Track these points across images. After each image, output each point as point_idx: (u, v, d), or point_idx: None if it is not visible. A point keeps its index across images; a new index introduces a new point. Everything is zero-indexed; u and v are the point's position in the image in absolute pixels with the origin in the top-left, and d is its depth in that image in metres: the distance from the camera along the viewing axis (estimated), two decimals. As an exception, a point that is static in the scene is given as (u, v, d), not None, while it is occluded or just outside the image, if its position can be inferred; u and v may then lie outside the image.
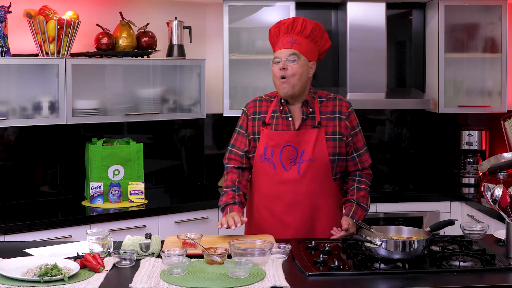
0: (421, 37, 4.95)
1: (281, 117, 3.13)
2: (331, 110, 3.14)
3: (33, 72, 3.98)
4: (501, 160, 4.25)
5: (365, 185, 3.19)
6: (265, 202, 3.15)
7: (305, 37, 3.10)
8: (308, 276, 2.46)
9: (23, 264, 2.50)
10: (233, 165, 3.21)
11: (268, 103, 3.20)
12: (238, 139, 3.22)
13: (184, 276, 2.41)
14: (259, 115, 3.18)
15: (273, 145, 3.10)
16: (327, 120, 3.12)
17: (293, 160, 3.09)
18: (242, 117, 3.24)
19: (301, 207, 3.10)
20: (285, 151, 3.09)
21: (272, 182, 3.11)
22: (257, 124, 3.16)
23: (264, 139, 3.12)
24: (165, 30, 4.53)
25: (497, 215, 3.73)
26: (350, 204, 3.15)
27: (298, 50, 3.06)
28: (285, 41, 3.09)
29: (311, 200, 3.10)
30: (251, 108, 3.22)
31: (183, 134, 4.82)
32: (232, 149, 3.23)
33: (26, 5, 4.03)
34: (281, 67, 3.05)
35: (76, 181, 4.39)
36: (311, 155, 3.07)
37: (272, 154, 3.10)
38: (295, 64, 3.05)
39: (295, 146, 3.08)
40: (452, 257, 2.60)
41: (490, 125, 4.95)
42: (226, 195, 3.14)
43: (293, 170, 3.08)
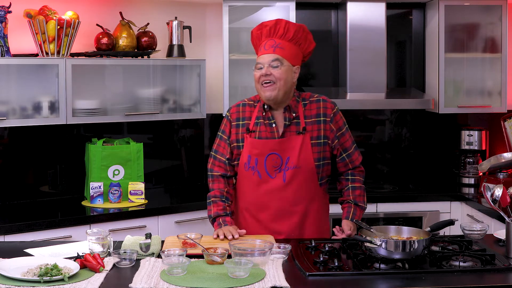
0: (421, 37, 4.95)
1: (264, 124, 3.05)
2: (316, 113, 3.06)
3: (33, 72, 3.98)
4: (501, 160, 4.25)
5: (359, 183, 3.17)
6: (251, 210, 3.11)
7: (288, 40, 3.01)
8: (308, 276, 2.46)
9: (23, 264, 2.50)
10: (218, 172, 3.16)
11: (251, 108, 3.12)
12: (221, 145, 3.16)
13: (184, 276, 2.41)
14: (242, 121, 3.10)
15: (257, 154, 3.04)
16: (311, 125, 3.05)
17: (278, 167, 3.03)
18: (225, 122, 3.16)
19: (288, 215, 3.06)
20: (270, 160, 3.03)
21: (257, 190, 3.07)
22: (241, 131, 3.09)
23: (248, 147, 3.06)
24: (165, 30, 4.53)
25: (497, 215, 3.73)
26: (348, 206, 3.13)
27: (281, 55, 2.98)
28: (268, 45, 3.01)
29: (298, 207, 3.06)
30: (234, 114, 3.13)
31: (183, 134, 4.82)
32: (216, 155, 3.18)
33: (26, 5, 4.03)
34: (263, 73, 2.97)
35: (76, 181, 4.39)
36: (297, 162, 3.02)
37: (257, 163, 3.04)
38: (279, 70, 2.97)
39: (280, 154, 3.02)
40: (452, 257, 2.60)
41: (490, 125, 4.95)
42: (216, 206, 3.10)
43: (279, 178, 3.03)
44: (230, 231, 2.94)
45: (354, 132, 4.99)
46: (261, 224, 3.09)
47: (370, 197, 4.31)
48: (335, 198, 3.26)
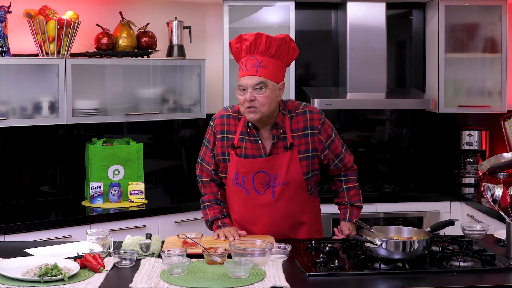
0: (421, 37, 4.95)
1: (249, 140, 2.96)
2: (303, 127, 2.97)
3: (33, 72, 3.98)
4: (501, 160, 4.25)
5: (352, 182, 3.15)
6: (242, 223, 3.07)
7: (270, 56, 2.86)
8: (308, 276, 2.46)
9: (23, 264, 2.50)
10: (207, 178, 3.12)
11: (236, 120, 3.01)
12: (207, 154, 3.10)
13: (184, 276, 2.41)
14: (227, 135, 3.02)
15: (244, 172, 2.98)
16: (299, 139, 2.97)
17: (266, 184, 2.97)
18: (210, 132, 3.06)
19: (279, 227, 3.03)
20: (257, 177, 2.97)
21: (246, 206, 3.03)
22: (226, 145, 3.00)
23: (234, 165, 2.99)
24: (165, 30, 4.53)
25: (497, 215, 3.73)
26: (345, 207, 3.12)
27: (264, 77, 2.84)
28: (249, 65, 2.85)
29: (289, 219, 3.04)
30: (218, 126, 3.03)
31: (183, 134, 4.82)
32: (202, 163, 3.12)
33: (26, 5, 4.03)
34: (247, 99, 2.84)
35: (76, 181, 4.39)
36: (285, 179, 2.96)
37: (244, 180, 2.98)
38: (263, 94, 2.83)
39: (267, 171, 2.96)
40: (453, 257, 2.60)
41: (490, 125, 4.95)
42: (212, 209, 3.08)
43: (267, 194, 2.99)
44: (231, 232, 2.93)
45: (354, 132, 5.02)
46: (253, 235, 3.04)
47: (370, 197, 4.33)
48: (331, 198, 3.25)
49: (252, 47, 2.86)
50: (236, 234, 2.91)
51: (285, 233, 3.05)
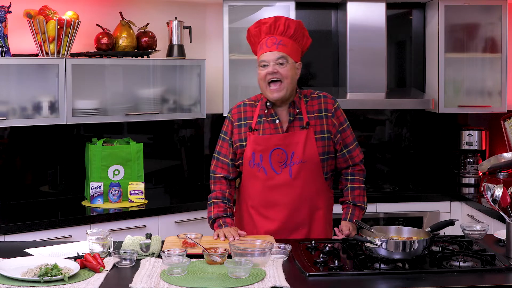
0: (421, 37, 4.95)
1: (267, 121, 3.06)
2: (317, 109, 3.08)
3: (33, 72, 3.98)
4: (501, 160, 4.25)
5: (358, 183, 3.16)
6: (258, 208, 3.09)
7: (289, 37, 3.01)
8: (308, 276, 2.46)
9: (23, 264, 2.50)
10: (221, 174, 3.15)
11: (252, 108, 3.12)
12: (224, 146, 3.15)
13: (184, 276, 2.41)
14: (244, 121, 3.10)
15: (261, 150, 3.03)
16: (314, 119, 3.06)
17: (283, 163, 3.02)
18: (227, 123, 3.15)
19: (297, 209, 3.06)
20: (275, 155, 3.02)
21: (264, 187, 3.06)
22: (244, 131, 3.09)
23: (251, 144, 3.05)
24: (165, 30, 4.53)
25: (497, 215, 3.73)
26: (347, 206, 3.14)
27: (285, 52, 2.99)
28: (269, 42, 3.00)
29: (306, 202, 3.06)
30: (235, 114, 3.13)
31: (183, 134, 4.82)
32: (218, 157, 3.16)
33: (26, 5, 4.03)
34: (270, 71, 2.98)
35: (76, 181, 4.39)
36: (302, 157, 3.01)
37: (262, 159, 3.03)
38: (285, 67, 2.98)
39: (284, 148, 3.02)
40: (453, 257, 2.60)
41: (490, 125, 4.95)
42: (217, 207, 3.08)
43: (285, 173, 3.03)
44: (231, 232, 2.93)
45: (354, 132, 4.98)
46: (273, 223, 3.07)
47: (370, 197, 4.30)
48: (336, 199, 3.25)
49: (272, 28, 3.01)
50: (236, 234, 2.91)
51: (302, 218, 3.06)
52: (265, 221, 3.08)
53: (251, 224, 3.13)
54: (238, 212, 3.23)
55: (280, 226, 3.07)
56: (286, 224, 3.07)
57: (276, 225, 3.07)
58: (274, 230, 3.06)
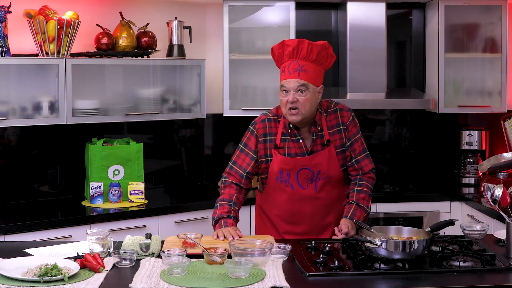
0: (421, 37, 4.94)
1: (291, 140, 3.14)
2: (335, 123, 3.19)
3: (33, 72, 3.98)
4: (501, 160, 4.25)
5: (365, 187, 3.21)
6: (285, 216, 3.20)
7: (311, 61, 3.05)
8: (308, 276, 2.46)
9: (23, 264, 2.50)
10: (232, 181, 3.18)
11: (276, 123, 3.18)
12: (241, 157, 3.19)
13: (184, 276, 2.41)
14: (269, 137, 3.16)
15: (288, 169, 3.14)
16: (333, 135, 3.17)
17: (309, 179, 3.14)
18: (248, 135, 3.19)
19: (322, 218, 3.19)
20: (301, 173, 3.14)
21: (290, 199, 3.17)
22: (269, 147, 3.16)
23: (278, 164, 3.14)
24: (165, 30, 4.53)
25: (497, 215, 3.73)
26: (349, 206, 3.17)
27: (306, 80, 3.02)
28: (292, 68, 3.04)
29: (330, 210, 3.20)
30: (260, 129, 3.18)
31: (183, 134, 4.82)
32: (233, 166, 3.19)
33: (26, 5, 4.03)
34: (290, 100, 3.02)
35: (76, 181, 4.39)
36: (327, 174, 3.14)
37: (289, 177, 3.14)
38: (305, 96, 3.03)
39: (311, 168, 3.13)
40: (452, 257, 2.60)
41: (490, 125, 4.95)
42: (222, 208, 3.10)
43: (311, 188, 3.15)
44: (230, 232, 2.95)
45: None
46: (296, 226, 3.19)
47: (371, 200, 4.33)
48: None
49: (295, 52, 3.04)
50: (235, 234, 2.92)
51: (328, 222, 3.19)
52: (291, 226, 3.19)
53: (274, 230, 3.23)
54: (260, 218, 3.31)
55: (306, 229, 3.18)
56: (313, 228, 3.19)
57: (302, 229, 3.18)
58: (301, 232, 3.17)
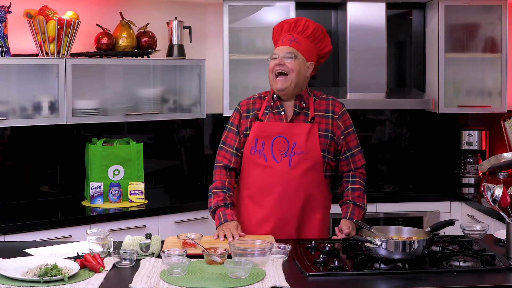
0: (421, 37, 4.95)
1: (272, 112, 3.13)
2: (324, 109, 3.15)
3: (33, 72, 3.98)
4: (501, 160, 4.25)
5: (359, 184, 3.18)
6: (254, 196, 3.12)
7: (306, 36, 3.12)
8: (308, 276, 2.46)
9: (23, 264, 2.50)
10: (222, 163, 3.18)
11: (261, 100, 3.20)
12: (229, 136, 3.20)
13: (184, 276, 2.41)
14: (252, 112, 3.16)
15: (264, 137, 3.09)
16: (320, 118, 3.12)
17: (284, 152, 3.07)
18: (234, 114, 3.22)
19: (291, 200, 3.08)
20: (277, 143, 3.08)
21: (262, 174, 3.09)
22: (250, 120, 3.16)
23: (255, 131, 3.11)
24: (165, 30, 4.53)
25: (497, 215, 3.73)
26: (347, 206, 3.15)
27: (296, 48, 3.09)
28: (285, 38, 3.12)
29: (301, 193, 3.08)
30: (244, 105, 3.21)
31: (183, 134, 4.82)
32: (223, 146, 3.22)
33: (26, 5, 4.03)
34: (277, 63, 3.07)
35: (76, 181, 4.39)
36: (303, 148, 3.06)
37: (263, 146, 3.09)
38: (292, 61, 3.06)
39: (287, 138, 3.08)
40: (452, 257, 2.60)
41: (490, 125, 4.95)
42: (216, 197, 3.11)
43: (284, 163, 3.07)
44: (231, 230, 2.94)
45: (354, 132, 5.02)
46: (264, 210, 3.09)
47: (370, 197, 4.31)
48: (336, 199, 3.26)
49: (292, 27, 3.14)
50: (236, 234, 2.91)
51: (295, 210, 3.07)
52: (258, 208, 3.10)
53: (245, 212, 3.16)
54: (236, 202, 3.24)
55: (270, 213, 3.08)
56: (277, 212, 3.08)
57: (266, 213, 3.09)
58: (264, 217, 3.09)
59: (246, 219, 3.14)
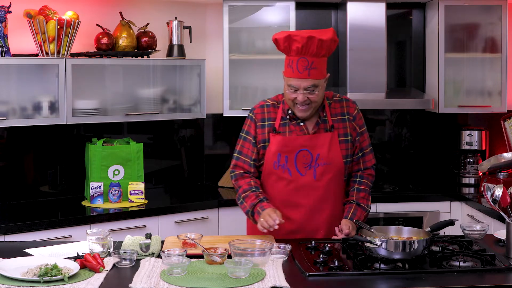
0: (421, 37, 4.95)
1: (291, 124, 3.07)
2: (340, 112, 3.12)
3: (33, 72, 3.98)
4: (501, 160, 4.25)
5: (365, 186, 3.18)
6: (281, 209, 3.03)
7: (320, 56, 2.99)
8: (308, 276, 2.46)
9: (23, 264, 2.50)
10: (242, 171, 3.13)
11: (275, 108, 3.11)
12: (245, 146, 3.13)
13: (184, 276, 2.41)
14: (268, 122, 3.10)
15: (287, 151, 3.04)
16: (337, 123, 3.10)
17: (308, 164, 3.04)
18: (248, 123, 3.14)
19: (318, 212, 3.07)
20: (300, 156, 3.04)
21: (287, 188, 3.06)
22: (267, 131, 3.09)
23: (277, 145, 3.05)
24: (165, 30, 4.53)
25: (497, 215, 3.73)
26: (350, 206, 3.13)
27: (317, 78, 2.97)
28: (300, 66, 2.95)
29: (327, 204, 3.08)
30: (258, 114, 3.12)
31: (183, 134, 4.82)
32: (239, 156, 3.14)
33: (26, 5, 4.03)
34: (301, 101, 2.96)
35: (76, 181, 4.39)
36: (326, 159, 3.04)
37: (287, 160, 3.04)
38: (315, 94, 2.98)
39: (310, 150, 3.04)
40: (452, 257, 2.60)
41: (490, 125, 4.95)
42: (248, 199, 3.04)
43: (309, 175, 3.05)
44: (270, 215, 2.89)
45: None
46: (292, 223, 3.06)
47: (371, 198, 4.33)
48: None
49: (304, 50, 2.95)
50: (276, 217, 2.86)
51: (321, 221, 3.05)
52: (286, 222, 3.01)
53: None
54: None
55: (299, 227, 3.08)
56: (305, 225, 3.07)
57: (295, 226, 3.07)
58: (293, 230, 3.07)
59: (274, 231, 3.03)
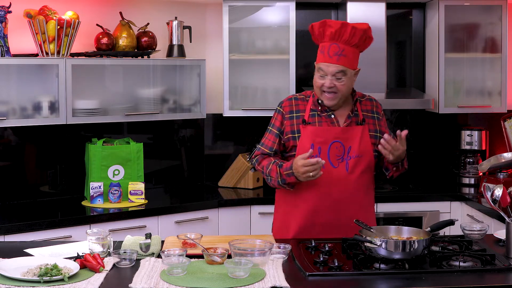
0: (421, 37, 4.95)
1: (322, 115, 3.08)
2: (370, 109, 3.17)
3: (33, 72, 3.98)
4: (501, 160, 4.25)
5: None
6: (311, 200, 3.04)
7: (352, 45, 3.00)
8: (308, 276, 2.46)
9: (23, 264, 2.50)
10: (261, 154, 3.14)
11: (304, 102, 3.13)
12: (267, 137, 3.15)
13: (184, 276, 2.41)
14: (296, 114, 3.10)
15: (320, 142, 3.04)
16: (368, 118, 3.13)
17: (340, 157, 3.05)
18: (275, 115, 3.15)
19: (348, 204, 3.06)
20: (333, 148, 3.05)
21: (320, 180, 3.01)
22: (296, 123, 3.09)
23: (310, 136, 3.05)
24: (165, 30, 4.53)
25: (497, 215, 3.73)
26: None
27: (345, 66, 2.99)
28: (332, 51, 2.98)
29: (359, 195, 3.09)
30: (286, 107, 3.13)
31: (183, 134, 4.82)
32: (260, 147, 3.16)
33: (26, 5, 4.03)
34: (327, 85, 2.99)
35: (76, 181, 4.39)
36: (358, 152, 3.06)
37: (320, 151, 3.04)
38: (342, 82, 3.00)
39: (343, 142, 3.05)
40: (452, 257, 2.60)
41: (490, 125, 4.95)
42: (272, 171, 3.04)
43: (341, 168, 3.05)
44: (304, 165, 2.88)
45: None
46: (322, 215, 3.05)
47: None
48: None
49: (337, 35, 2.98)
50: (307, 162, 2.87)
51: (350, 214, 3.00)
52: (316, 213, 3.04)
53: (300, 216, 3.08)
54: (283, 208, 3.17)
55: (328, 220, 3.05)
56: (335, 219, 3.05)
57: (324, 218, 3.05)
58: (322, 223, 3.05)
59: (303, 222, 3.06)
